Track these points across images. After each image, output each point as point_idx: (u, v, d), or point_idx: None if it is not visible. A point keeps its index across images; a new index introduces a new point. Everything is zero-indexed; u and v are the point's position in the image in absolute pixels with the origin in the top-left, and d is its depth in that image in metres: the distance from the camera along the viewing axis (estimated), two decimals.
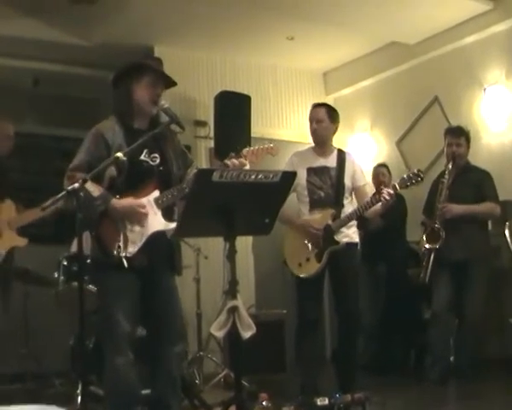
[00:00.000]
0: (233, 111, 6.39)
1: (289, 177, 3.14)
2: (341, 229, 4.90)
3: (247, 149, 3.63)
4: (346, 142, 7.64)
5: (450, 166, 5.53)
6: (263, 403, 4.24)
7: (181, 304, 3.77)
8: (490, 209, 5.53)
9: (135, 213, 3.50)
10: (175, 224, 3.48)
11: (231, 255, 2.99)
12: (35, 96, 7.54)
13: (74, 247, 5.25)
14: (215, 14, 6.31)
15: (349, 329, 5.02)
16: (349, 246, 4.94)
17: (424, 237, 5.50)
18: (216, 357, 6.22)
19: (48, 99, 7.61)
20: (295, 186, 4.99)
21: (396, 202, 4.98)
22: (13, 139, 5.38)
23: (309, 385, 4.94)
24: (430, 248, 5.44)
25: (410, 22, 6.54)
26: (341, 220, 4.87)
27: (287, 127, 7.85)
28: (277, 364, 6.15)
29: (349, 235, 4.96)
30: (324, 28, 6.74)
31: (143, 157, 3.61)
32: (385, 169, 6.73)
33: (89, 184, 3.29)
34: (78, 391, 4.85)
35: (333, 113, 5.11)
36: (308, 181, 5.01)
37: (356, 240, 5.05)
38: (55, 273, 5.37)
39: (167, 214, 3.59)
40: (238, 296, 2.96)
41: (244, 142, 5.69)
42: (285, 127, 7.84)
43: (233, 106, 6.44)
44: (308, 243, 4.92)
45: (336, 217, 4.89)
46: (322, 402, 4.37)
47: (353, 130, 7.85)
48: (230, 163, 3.53)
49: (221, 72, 7.41)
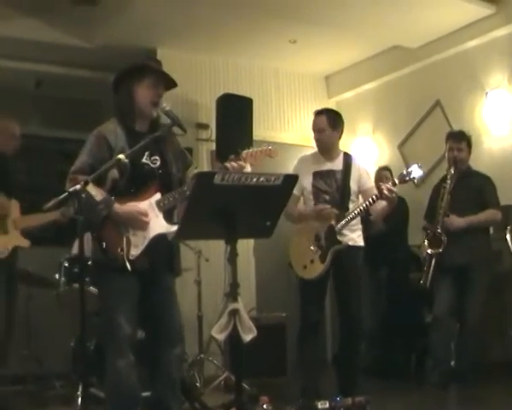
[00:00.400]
0: (235, 114, 6.40)
1: (291, 180, 3.13)
2: (346, 232, 4.90)
3: (247, 152, 3.63)
4: (348, 145, 7.63)
5: (451, 170, 5.53)
6: (263, 406, 4.24)
7: (179, 306, 3.77)
8: (491, 216, 5.53)
9: (137, 221, 3.51)
10: (176, 227, 3.49)
11: (232, 258, 2.99)
12: (37, 97, 7.55)
13: (75, 249, 5.26)
14: (217, 16, 6.32)
15: (351, 332, 5.02)
16: (354, 249, 4.94)
17: (426, 242, 5.50)
18: (217, 360, 6.22)
19: (50, 101, 7.62)
20: (302, 191, 5.01)
21: (398, 206, 4.99)
22: (19, 139, 5.37)
23: (310, 388, 4.94)
24: (431, 253, 5.44)
25: (413, 26, 6.54)
26: (345, 220, 4.87)
27: (289, 130, 7.85)
28: (278, 367, 6.14)
29: (353, 238, 4.96)
30: (327, 31, 6.75)
31: (145, 160, 3.61)
32: (388, 172, 6.73)
33: (91, 188, 3.29)
34: (78, 393, 4.87)
35: (334, 120, 5.08)
36: (314, 185, 5.02)
37: (360, 243, 5.03)
38: (57, 275, 5.38)
39: (168, 217, 3.60)
40: (239, 299, 2.96)
41: (246, 145, 5.68)
42: (287, 130, 7.84)
43: (235, 109, 6.45)
44: (312, 246, 4.93)
45: (340, 218, 4.89)
46: (322, 406, 4.38)
47: (355, 133, 7.85)
48: (230, 166, 3.54)
49: (223, 74, 7.41)
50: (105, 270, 3.55)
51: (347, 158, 5.08)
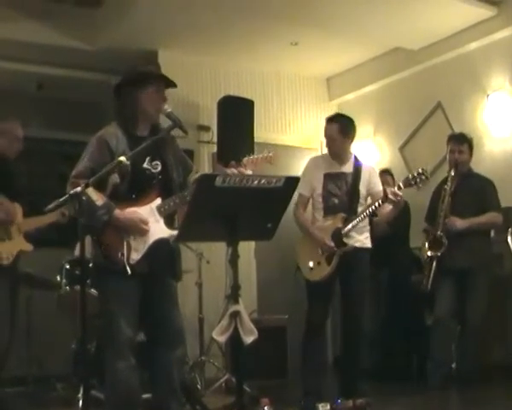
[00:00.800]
0: (236, 116, 6.39)
1: (292, 182, 3.13)
2: (353, 234, 4.93)
3: (247, 158, 3.67)
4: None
5: (452, 173, 5.53)
6: (264, 408, 4.24)
7: (180, 310, 3.77)
8: (492, 219, 5.52)
9: (137, 228, 3.51)
10: (176, 231, 3.49)
11: (234, 260, 2.99)
12: (39, 100, 7.56)
13: (77, 251, 5.25)
14: (219, 19, 6.32)
15: (353, 334, 5.02)
16: (360, 250, 4.96)
17: (426, 245, 5.50)
18: (217, 362, 6.21)
19: (52, 103, 7.63)
20: (312, 192, 5.03)
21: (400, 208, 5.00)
22: (22, 141, 5.36)
23: (313, 390, 4.94)
24: (432, 255, 5.44)
25: (414, 28, 6.54)
26: (351, 224, 4.89)
27: (290, 132, 7.85)
28: (279, 369, 6.15)
29: (361, 240, 4.99)
30: (328, 34, 6.75)
31: (146, 165, 3.62)
32: (389, 177, 6.71)
33: (92, 192, 3.29)
34: (79, 395, 4.86)
35: (346, 127, 5.11)
36: (324, 188, 5.03)
37: (367, 245, 5.05)
38: (58, 277, 5.38)
39: (168, 222, 3.60)
40: (240, 301, 2.97)
41: (247, 147, 5.72)
42: (288, 132, 7.84)
43: (236, 111, 6.44)
44: (319, 248, 4.95)
45: (347, 221, 4.90)
46: (324, 408, 4.39)
47: (356, 135, 7.82)
48: (230, 172, 3.54)
49: (225, 77, 7.41)
50: (105, 273, 3.55)
51: (358, 161, 5.11)
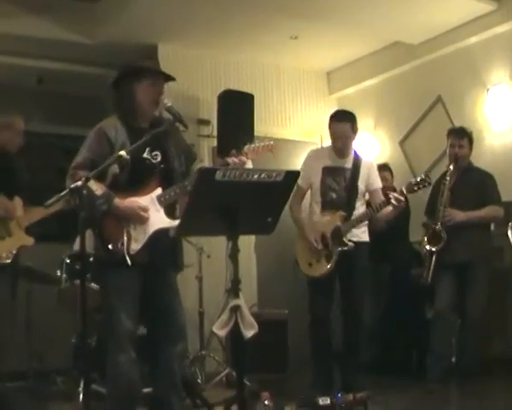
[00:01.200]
0: (236, 110, 6.39)
1: (292, 176, 3.13)
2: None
3: (248, 147, 3.66)
4: None
5: (452, 167, 5.52)
6: (265, 402, 4.24)
7: (182, 303, 3.77)
8: (493, 213, 5.51)
9: (137, 216, 3.51)
10: (178, 221, 3.49)
11: (234, 254, 2.99)
12: (39, 94, 7.55)
13: (77, 245, 5.23)
14: (219, 12, 6.31)
15: (353, 327, 5.05)
16: (358, 246, 4.97)
17: (426, 239, 5.50)
18: (218, 356, 6.22)
19: (52, 97, 7.62)
20: (310, 185, 5.04)
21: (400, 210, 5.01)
22: (22, 136, 5.33)
23: (322, 380, 5.01)
24: (431, 250, 5.44)
25: (414, 22, 6.54)
26: (351, 222, 4.94)
27: (290, 126, 7.85)
28: (279, 363, 6.15)
29: (358, 234, 5.01)
30: (328, 27, 6.74)
31: (146, 155, 3.62)
32: (387, 173, 6.69)
33: (91, 183, 3.29)
34: (79, 389, 4.87)
35: (356, 125, 5.15)
36: (322, 182, 5.05)
37: (365, 239, 5.09)
38: (58, 271, 5.39)
39: (169, 212, 3.60)
40: (240, 295, 2.96)
41: (247, 141, 5.69)
42: (288, 126, 7.83)
43: (236, 104, 6.44)
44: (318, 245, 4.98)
45: (346, 219, 4.92)
46: (324, 402, 4.38)
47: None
48: (231, 161, 3.54)
49: (224, 70, 7.40)
50: (107, 266, 3.56)
51: (357, 156, 5.11)
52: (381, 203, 4.82)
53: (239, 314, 2.93)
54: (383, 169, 6.76)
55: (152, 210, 3.55)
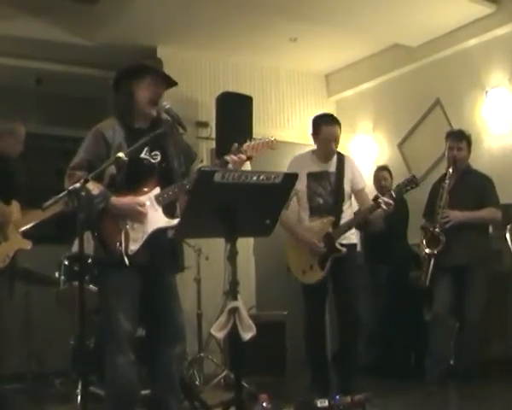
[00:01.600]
0: (235, 112, 6.39)
1: (291, 178, 3.14)
2: None
3: (248, 144, 3.64)
4: (348, 144, 7.64)
5: (450, 170, 5.52)
6: (263, 404, 4.24)
7: (181, 305, 3.77)
8: (491, 215, 5.52)
9: (134, 211, 3.50)
10: (176, 220, 3.49)
11: (232, 256, 2.99)
12: (38, 95, 7.55)
13: (76, 247, 5.25)
14: (218, 15, 6.32)
15: (349, 330, 5.06)
16: (349, 248, 5.00)
17: (424, 242, 5.50)
18: (216, 358, 6.22)
19: (51, 99, 7.62)
20: (296, 191, 5.03)
21: (398, 205, 5.01)
22: (23, 142, 5.32)
23: (319, 382, 5.02)
24: (429, 252, 5.44)
25: (413, 25, 6.54)
26: (341, 229, 4.98)
27: (288, 129, 7.85)
28: (277, 365, 6.14)
29: (346, 236, 5.03)
30: (327, 30, 6.74)
31: (144, 155, 3.62)
32: (386, 173, 6.71)
33: (89, 183, 3.30)
34: (78, 391, 4.86)
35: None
36: (308, 187, 5.06)
37: (354, 241, 5.14)
38: (56, 273, 5.38)
39: (169, 211, 3.59)
40: (239, 297, 2.96)
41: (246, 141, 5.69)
42: (287, 129, 7.83)
43: (235, 107, 6.44)
44: (309, 250, 4.98)
45: (336, 224, 4.94)
46: (322, 404, 4.37)
47: (355, 132, 7.84)
48: (230, 159, 3.54)
49: (223, 73, 7.40)
50: (105, 267, 3.56)
51: (341, 158, 5.12)
52: (371, 208, 4.83)
53: (237, 316, 2.93)
54: (383, 169, 6.79)
55: (150, 209, 3.55)
